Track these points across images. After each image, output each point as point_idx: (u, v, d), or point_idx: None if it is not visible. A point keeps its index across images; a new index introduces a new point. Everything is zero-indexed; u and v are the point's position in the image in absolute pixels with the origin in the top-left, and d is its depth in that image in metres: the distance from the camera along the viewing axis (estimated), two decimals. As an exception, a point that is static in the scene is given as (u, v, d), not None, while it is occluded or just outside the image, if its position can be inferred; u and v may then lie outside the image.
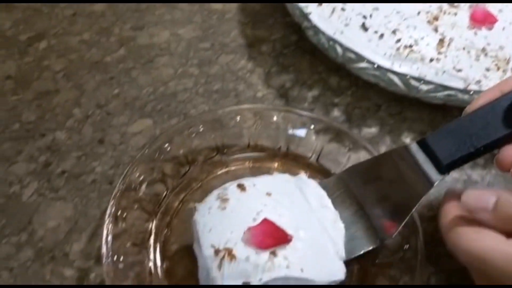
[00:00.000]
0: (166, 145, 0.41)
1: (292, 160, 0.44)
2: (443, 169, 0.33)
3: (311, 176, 0.40)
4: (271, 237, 0.33)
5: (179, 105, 0.48)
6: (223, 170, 0.43)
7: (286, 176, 0.39)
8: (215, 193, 0.36)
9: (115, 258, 0.34)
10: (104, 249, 0.34)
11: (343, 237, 0.36)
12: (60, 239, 0.39)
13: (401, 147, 0.36)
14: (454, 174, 0.44)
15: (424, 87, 0.41)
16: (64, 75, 0.50)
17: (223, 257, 0.32)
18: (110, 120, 0.47)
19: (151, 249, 0.38)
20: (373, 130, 0.47)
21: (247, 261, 0.32)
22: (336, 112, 0.48)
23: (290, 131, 0.43)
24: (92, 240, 0.39)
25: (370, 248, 0.35)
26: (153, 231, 0.39)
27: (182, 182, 0.42)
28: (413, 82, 0.41)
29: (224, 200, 0.35)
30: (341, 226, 0.37)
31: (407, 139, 0.47)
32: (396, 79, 0.42)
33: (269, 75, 0.51)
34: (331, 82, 0.51)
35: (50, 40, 0.53)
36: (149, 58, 0.52)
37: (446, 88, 0.41)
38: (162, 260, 0.38)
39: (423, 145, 0.34)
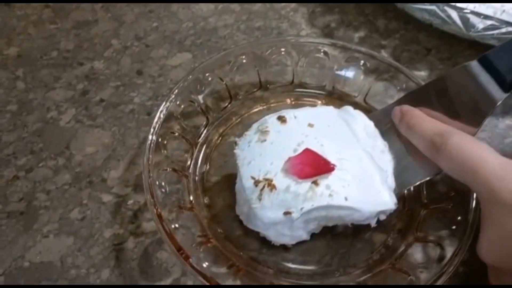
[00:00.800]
0: (207, 75, 0.40)
1: (337, 99, 0.42)
2: (507, 86, 0.30)
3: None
4: (312, 166, 0.32)
5: (220, 40, 0.46)
6: (264, 106, 0.42)
7: (330, 108, 0.37)
8: (254, 126, 0.35)
9: (156, 183, 0.34)
10: (145, 173, 0.33)
11: (392, 168, 0.34)
12: (97, 165, 0.38)
13: (459, 67, 0.33)
14: (507, 121, 0.42)
15: (482, 25, 0.38)
16: (102, 6, 0.49)
17: (263, 187, 0.31)
18: (148, 52, 0.45)
19: (191, 179, 0.37)
20: (422, 73, 0.44)
21: (287, 191, 0.31)
22: (383, 54, 0.46)
23: (337, 69, 0.42)
24: (130, 168, 0.38)
25: (424, 179, 0.33)
26: (193, 161, 0.38)
27: (222, 116, 0.41)
28: (472, 18, 0.38)
29: (263, 132, 0.34)
30: (390, 157, 0.35)
31: (458, 85, 0.44)
32: (454, 14, 0.39)
33: (313, 15, 0.49)
34: (378, 24, 0.48)
35: (88, -28, 0.52)
36: (189, -7, 0.50)
37: (507, 23, 0.38)
38: (202, 191, 0.37)
39: (484, 62, 0.31)
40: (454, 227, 0.33)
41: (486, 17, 0.38)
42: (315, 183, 0.31)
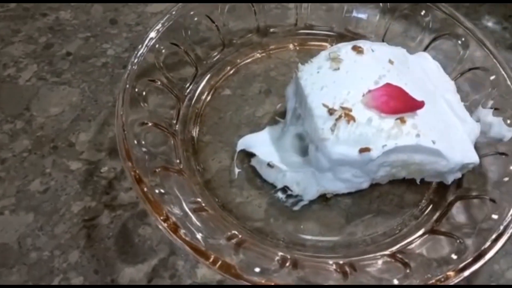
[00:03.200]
0: (193, 15, 0.33)
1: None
2: None
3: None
4: (399, 101, 0.26)
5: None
6: (263, 54, 0.35)
7: (404, 51, 0.31)
8: (323, 53, 0.29)
9: (134, 141, 0.27)
10: (119, 127, 0.26)
11: (478, 129, 0.28)
12: (63, 127, 0.31)
13: None
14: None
15: None
16: (68, -49, 0.42)
17: (339, 117, 0.26)
18: (123, -2, 0.39)
19: (178, 138, 0.30)
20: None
21: (369, 124, 0.26)
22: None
23: (347, 10, 0.35)
24: (104, 129, 0.31)
25: None
26: (180, 118, 0.31)
27: (214, 66, 0.34)
28: None
29: (336, 60, 0.28)
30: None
31: (489, 23, 0.38)
32: None
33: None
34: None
35: None
36: None
37: None
38: (193, 152, 0.30)
39: None
40: (506, 178, 0.26)
41: None
42: (401, 120, 0.26)
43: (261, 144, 0.30)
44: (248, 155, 0.30)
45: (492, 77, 0.30)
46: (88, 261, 0.26)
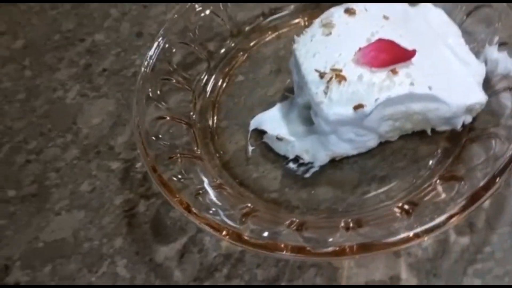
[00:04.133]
0: (199, 11, 0.35)
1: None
2: None
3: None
4: (389, 53, 0.27)
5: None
6: (274, 35, 0.37)
7: (405, 5, 0.31)
8: (317, 21, 0.31)
9: (153, 137, 0.30)
10: (135, 128, 0.29)
11: (483, 69, 0.28)
12: (104, 134, 0.36)
13: None
14: None
15: None
16: (99, -19, 0.47)
17: (330, 79, 0.27)
18: (147, 12, 0.42)
19: (197, 128, 0.33)
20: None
21: (360, 81, 0.26)
22: None
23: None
24: (137, 130, 0.35)
25: None
26: (198, 109, 0.34)
27: (226, 56, 0.36)
28: None
29: (328, 25, 0.29)
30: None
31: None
32: None
33: None
34: None
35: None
36: None
37: None
38: (211, 138, 0.33)
39: None
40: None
41: None
42: (393, 71, 0.26)
43: (271, 120, 0.31)
44: (261, 133, 0.31)
45: (496, 12, 0.28)
46: (130, 245, 0.30)
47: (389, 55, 0.26)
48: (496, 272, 0.24)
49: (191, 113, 0.33)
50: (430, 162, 0.28)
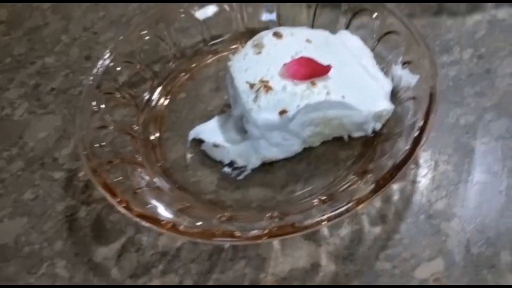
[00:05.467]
0: (148, 39, 0.38)
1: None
2: None
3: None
4: (309, 68, 0.31)
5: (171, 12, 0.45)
6: (214, 58, 0.40)
7: (326, 32, 0.36)
8: (249, 42, 0.34)
9: (96, 145, 0.32)
10: (83, 137, 0.31)
11: (390, 84, 0.32)
12: (49, 147, 0.37)
13: None
14: (476, 16, 0.38)
15: None
16: (52, 10, 0.49)
17: (259, 89, 0.30)
18: (96, 38, 0.45)
19: (140, 139, 0.35)
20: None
21: (284, 91, 0.30)
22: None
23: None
24: (82, 143, 0.37)
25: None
26: (141, 122, 0.36)
27: (170, 75, 0.39)
28: None
29: (259, 46, 0.33)
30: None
31: (416, -3, 0.41)
32: None
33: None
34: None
35: (38, -14, 0.53)
36: (135, -19, 0.50)
37: None
38: (152, 147, 0.35)
39: None
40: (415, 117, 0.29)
41: None
42: (312, 83, 0.30)
43: (209, 130, 0.34)
44: (200, 142, 0.34)
45: (400, 37, 0.33)
46: (70, 247, 0.31)
47: (309, 69, 0.30)
48: (404, 256, 0.27)
49: (134, 126, 0.35)
50: (348, 163, 0.31)
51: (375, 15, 0.35)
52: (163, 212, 0.28)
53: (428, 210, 0.29)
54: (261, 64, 0.32)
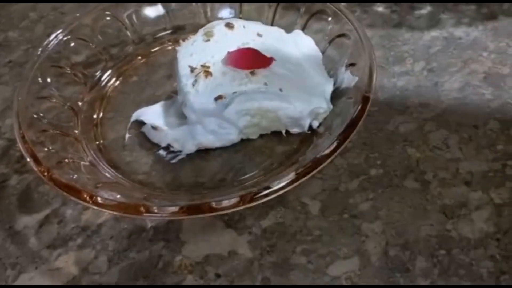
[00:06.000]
0: (109, 22, 0.38)
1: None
2: None
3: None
4: (251, 58, 0.31)
5: None
6: (173, 46, 0.40)
7: (281, 30, 0.36)
8: (200, 30, 0.35)
9: (34, 115, 0.32)
10: (15, 104, 0.31)
11: (331, 84, 0.33)
12: (-6, 116, 0.37)
13: None
14: (433, 32, 0.38)
15: None
16: (26, -12, 0.50)
17: (199, 73, 0.31)
18: (62, 18, 0.45)
19: (81, 115, 0.35)
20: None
21: (223, 77, 0.30)
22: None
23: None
24: (27, 115, 0.37)
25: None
26: (87, 100, 0.36)
27: (125, 58, 0.39)
28: None
29: (208, 33, 0.34)
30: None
31: (379, 8, 0.42)
32: None
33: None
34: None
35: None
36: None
37: None
38: (94, 125, 0.35)
39: None
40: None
41: None
42: (252, 73, 0.30)
43: (151, 113, 0.34)
44: (141, 125, 0.34)
45: (349, 40, 0.33)
46: (-7, 213, 0.31)
47: (251, 59, 0.31)
48: (321, 252, 0.27)
49: (79, 103, 0.35)
50: (282, 158, 0.31)
51: (329, 18, 0.35)
52: (86, 184, 0.28)
53: (353, 210, 0.29)
54: (207, 51, 0.32)
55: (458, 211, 0.28)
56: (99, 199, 0.26)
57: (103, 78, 0.37)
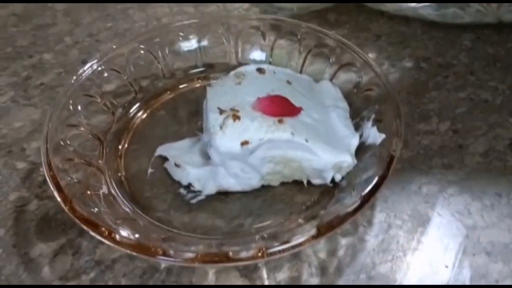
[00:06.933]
0: (137, 47, 0.39)
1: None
2: None
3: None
4: (280, 106, 0.32)
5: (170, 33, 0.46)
6: (202, 83, 0.41)
7: (310, 78, 0.37)
8: (231, 73, 0.36)
9: (61, 142, 0.32)
10: (46, 128, 0.32)
11: (357, 139, 0.32)
12: (21, 137, 0.37)
13: None
14: (460, 93, 0.38)
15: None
16: (64, 13, 0.51)
17: (227, 116, 0.31)
18: (97, 45, 0.46)
19: (107, 144, 0.35)
20: (369, 55, 0.42)
21: (251, 122, 0.31)
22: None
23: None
24: (53, 140, 0.37)
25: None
26: (114, 130, 0.36)
27: (154, 92, 0.40)
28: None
29: (240, 76, 0.35)
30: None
31: (408, 64, 0.42)
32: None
33: (264, 14, 0.49)
34: (328, 17, 0.48)
35: (58, -12, 0.55)
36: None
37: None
38: (118, 155, 0.35)
39: None
40: (368, 173, 0.29)
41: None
42: (280, 121, 0.31)
43: (175, 150, 0.34)
44: (165, 160, 0.34)
45: (377, 95, 0.33)
46: (10, 237, 0.31)
47: (280, 107, 0.31)
48: (334, 311, 0.27)
49: (106, 132, 0.36)
50: (302, 208, 0.31)
51: (359, 71, 0.36)
52: (105, 219, 0.28)
53: (370, 271, 0.28)
54: (237, 94, 0.33)
55: (477, 283, 0.27)
56: (117, 236, 0.26)
57: (131, 110, 0.38)
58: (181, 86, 0.41)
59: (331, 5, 0.49)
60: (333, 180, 0.31)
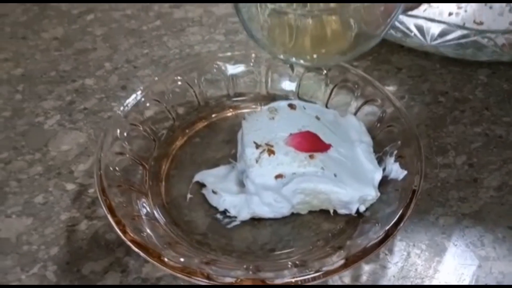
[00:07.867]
0: (179, 84, 0.43)
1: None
2: None
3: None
4: (311, 143, 0.35)
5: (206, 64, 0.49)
6: (233, 113, 0.44)
7: (336, 112, 0.40)
8: (264, 107, 0.39)
9: (110, 168, 0.35)
10: (100, 158, 0.35)
11: (380, 173, 0.35)
12: (69, 160, 0.41)
13: None
14: (476, 128, 0.41)
15: (437, 30, 0.40)
16: (103, 38, 0.54)
17: (263, 151, 0.34)
18: (135, 72, 0.50)
19: (150, 170, 0.38)
20: (390, 88, 0.45)
21: (285, 157, 0.34)
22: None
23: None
24: (98, 163, 0.41)
25: None
26: (155, 156, 0.40)
27: (190, 120, 0.43)
28: (426, 25, 0.40)
29: (273, 112, 0.38)
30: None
31: (427, 98, 0.45)
32: (410, 23, 0.41)
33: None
34: (352, 48, 0.51)
35: (96, 14, 0.58)
36: (181, 28, 0.55)
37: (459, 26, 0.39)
38: (160, 180, 0.38)
39: None
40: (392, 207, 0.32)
41: (438, 21, 0.40)
42: (311, 156, 0.34)
43: (212, 177, 0.38)
44: (202, 186, 0.37)
45: (399, 131, 0.36)
46: (64, 255, 0.34)
47: (311, 144, 0.34)
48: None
49: (149, 158, 0.39)
50: (328, 236, 0.34)
51: (382, 107, 0.39)
52: (153, 242, 0.31)
53: (391, 297, 0.31)
54: (271, 129, 0.36)
55: (489, 311, 0.30)
56: (166, 259, 0.29)
57: (170, 136, 0.41)
58: (213, 115, 0.44)
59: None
60: (357, 210, 0.34)
